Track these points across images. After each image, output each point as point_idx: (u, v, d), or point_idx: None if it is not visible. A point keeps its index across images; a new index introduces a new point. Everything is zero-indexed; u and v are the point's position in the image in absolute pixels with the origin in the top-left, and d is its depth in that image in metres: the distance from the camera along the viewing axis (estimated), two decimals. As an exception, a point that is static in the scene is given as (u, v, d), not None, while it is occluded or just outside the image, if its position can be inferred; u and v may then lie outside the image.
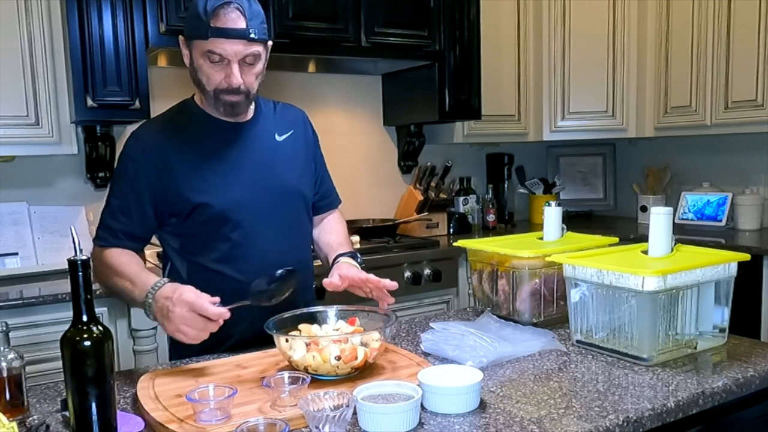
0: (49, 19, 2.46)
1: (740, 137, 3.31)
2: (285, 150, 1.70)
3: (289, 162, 1.70)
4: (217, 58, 1.51)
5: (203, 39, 1.49)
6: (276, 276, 1.43)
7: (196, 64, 1.55)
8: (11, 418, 1.14)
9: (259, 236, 1.62)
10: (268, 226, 1.63)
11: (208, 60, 1.52)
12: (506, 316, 1.74)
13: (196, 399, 1.13)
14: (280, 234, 1.66)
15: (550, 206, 1.82)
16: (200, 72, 1.55)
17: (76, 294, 1.01)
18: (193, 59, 1.56)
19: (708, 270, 1.46)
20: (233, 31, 1.48)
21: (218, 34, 1.48)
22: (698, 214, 3.45)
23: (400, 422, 1.10)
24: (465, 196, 3.65)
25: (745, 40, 3.02)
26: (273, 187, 1.65)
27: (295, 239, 1.72)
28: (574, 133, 3.58)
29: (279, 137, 1.71)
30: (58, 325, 2.16)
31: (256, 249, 1.61)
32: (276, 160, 1.68)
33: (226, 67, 1.52)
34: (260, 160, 1.65)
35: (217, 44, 1.49)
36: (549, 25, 3.50)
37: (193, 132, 1.62)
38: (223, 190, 1.59)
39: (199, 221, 1.59)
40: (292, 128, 1.74)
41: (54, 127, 2.50)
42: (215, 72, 1.53)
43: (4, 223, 2.61)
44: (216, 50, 1.50)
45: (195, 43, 1.53)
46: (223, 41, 1.49)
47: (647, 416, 1.17)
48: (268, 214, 1.63)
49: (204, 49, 1.51)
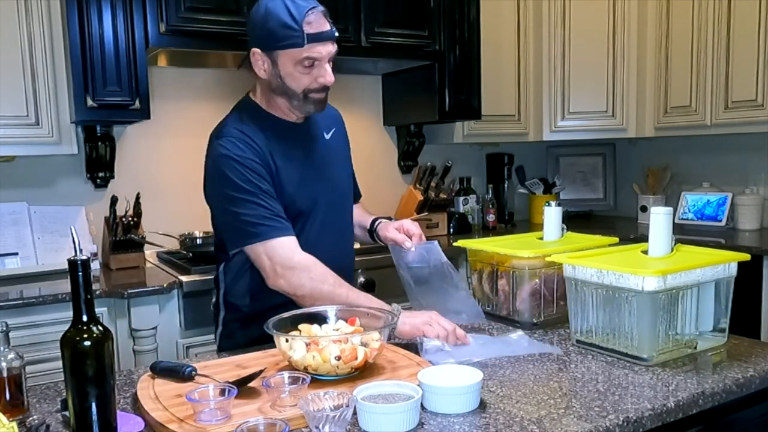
0: (49, 19, 2.46)
1: (740, 137, 3.31)
2: (333, 147, 1.79)
3: (338, 159, 1.80)
4: (311, 62, 1.56)
5: (299, 47, 1.54)
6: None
7: (284, 73, 1.58)
8: (11, 418, 1.14)
9: (325, 230, 1.71)
10: (331, 221, 1.73)
11: (300, 66, 1.56)
12: (506, 316, 1.74)
13: (196, 399, 1.13)
14: (338, 228, 1.76)
15: (550, 206, 1.82)
16: (290, 79, 1.58)
17: (76, 294, 1.01)
18: (278, 69, 1.58)
19: (708, 270, 1.46)
20: (326, 34, 1.56)
21: (314, 39, 1.54)
22: (698, 214, 3.45)
23: (400, 422, 1.10)
24: (465, 196, 3.65)
25: (745, 40, 3.02)
26: (331, 183, 1.74)
27: (347, 233, 1.82)
28: (574, 133, 3.58)
29: (327, 135, 1.78)
30: (58, 325, 2.16)
31: (322, 243, 1.67)
32: (329, 158, 1.76)
33: (317, 69, 1.58)
34: (319, 158, 1.73)
35: (314, 49, 1.55)
36: (549, 25, 3.50)
37: (266, 133, 1.65)
38: (301, 189, 1.66)
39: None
40: (334, 126, 1.82)
41: (54, 127, 2.50)
42: (305, 76, 1.58)
43: (4, 223, 2.61)
44: (313, 55, 1.55)
45: (285, 53, 1.56)
46: (318, 45, 1.55)
47: (647, 416, 1.17)
48: (330, 212, 1.73)
49: (300, 56, 1.55)
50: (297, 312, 1.47)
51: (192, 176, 3.03)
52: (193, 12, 2.48)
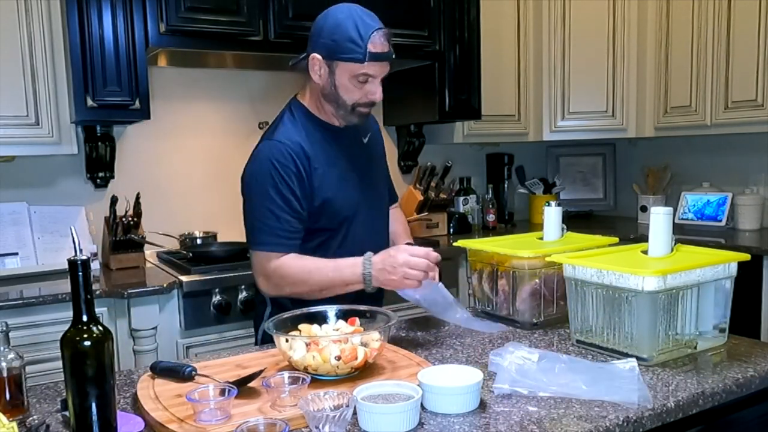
0: (49, 19, 2.46)
1: (740, 137, 3.31)
2: (371, 151, 1.86)
3: (375, 162, 1.87)
4: (365, 78, 1.64)
5: (359, 62, 1.61)
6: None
7: (339, 83, 1.65)
8: (11, 418, 1.14)
9: (367, 232, 1.77)
10: (371, 223, 1.79)
11: (356, 80, 1.64)
12: (506, 316, 1.74)
13: (196, 399, 1.13)
14: (377, 230, 1.82)
15: (550, 206, 1.82)
16: (344, 90, 1.66)
17: (76, 294, 1.01)
18: (335, 78, 1.65)
19: (708, 270, 1.46)
20: (385, 55, 1.65)
21: (374, 58, 1.62)
22: (698, 214, 3.45)
23: (400, 422, 1.10)
24: (465, 196, 3.65)
25: (745, 40, 3.02)
26: (372, 186, 1.81)
27: (385, 233, 1.88)
28: (574, 133, 3.58)
29: (365, 140, 1.84)
30: (58, 325, 2.16)
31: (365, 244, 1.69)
32: (368, 161, 1.83)
33: (370, 84, 1.66)
34: (360, 162, 1.79)
35: (371, 67, 1.63)
36: (549, 25, 3.50)
37: (313, 136, 1.71)
38: (342, 193, 1.72)
39: (321, 223, 1.70)
40: (369, 131, 1.87)
41: (54, 127, 2.50)
42: (358, 90, 1.66)
43: (4, 223, 2.61)
44: (370, 72, 1.64)
45: (344, 65, 1.63)
46: (376, 64, 1.63)
47: (647, 416, 1.17)
48: (371, 215, 1.79)
49: (357, 71, 1.63)
50: (297, 312, 1.47)
51: (192, 176, 3.04)
52: (193, 12, 2.48)
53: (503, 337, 1.62)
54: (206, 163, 3.04)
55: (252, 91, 3.13)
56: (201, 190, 3.04)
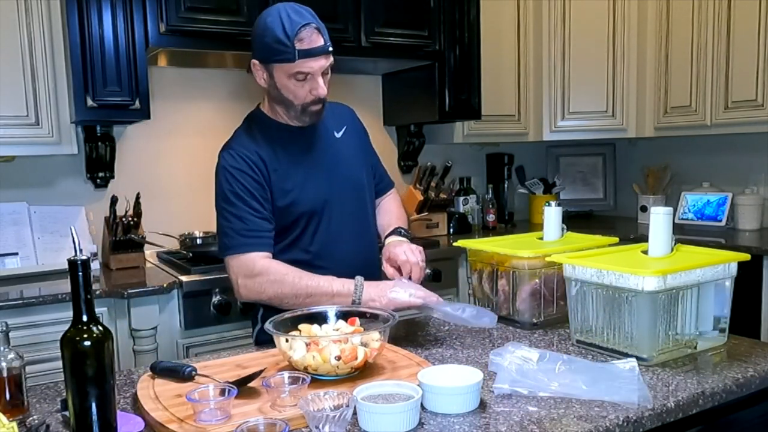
0: (49, 19, 2.46)
1: (740, 137, 3.31)
2: (345, 145, 1.83)
3: (351, 156, 1.84)
4: (303, 76, 1.62)
5: (290, 62, 1.60)
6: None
7: (280, 84, 1.65)
8: (11, 418, 1.14)
9: (341, 229, 1.75)
10: (346, 220, 1.77)
11: (294, 79, 1.63)
12: (506, 316, 1.74)
13: (196, 399, 1.13)
14: (355, 225, 1.80)
15: (550, 206, 1.82)
16: (286, 91, 1.66)
17: (76, 294, 1.01)
18: (275, 80, 1.66)
19: (708, 270, 1.46)
20: (317, 50, 1.61)
21: (305, 55, 1.59)
22: (698, 214, 3.45)
23: (400, 422, 1.10)
24: (465, 196, 3.65)
25: (745, 40, 3.02)
26: (346, 182, 1.79)
27: (366, 230, 1.85)
28: (574, 133, 3.58)
29: (337, 134, 1.83)
30: (58, 325, 2.16)
31: (338, 241, 1.74)
32: (341, 156, 1.81)
33: (311, 81, 1.64)
34: (329, 158, 1.78)
35: (305, 64, 1.60)
36: (549, 25, 3.50)
37: (274, 140, 1.73)
38: (307, 190, 1.71)
39: (289, 221, 1.71)
40: (345, 124, 1.86)
41: (54, 127, 2.50)
42: (300, 89, 1.65)
43: (4, 223, 2.61)
44: (304, 69, 1.61)
45: (278, 66, 1.63)
46: (309, 60, 1.60)
47: (647, 416, 1.17)
48: (346, 208, 1.77)
49: (291, 71, 1.62)
50: (297, 312, 1.47)
51: (192, 176, 3.04)
52: (193, 12, 2.48)
53: (503, 337, 1.62)
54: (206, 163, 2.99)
55: (252, 91, 3.12)
56: (201, 190, 3.03)
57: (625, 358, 1.32)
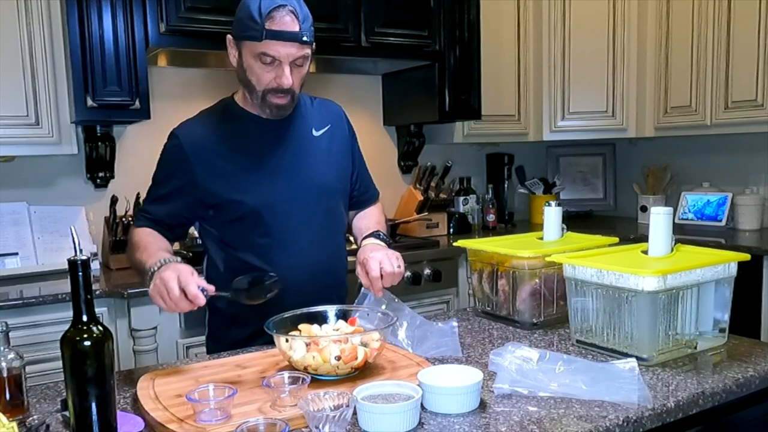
0: (49, 19, 2.46)
1: (740, 137, 3.31)
2: (322, 145, 1.73)
3: (325, 157, 1.73)
4: (269, 59, 1.54)
5: (257, 41, 1.52)
6: (257, 279, 1.46)
7: (246, 65, 1.58)
8: (11, 418, 1.14)
9: (295, 232, 1.66)
10: (304, 222, 1.67)
11: (259, 61, 1.55)
12: (506, 316, 1.74)
13: (196, 399, 1.13)
14: (315, 230, 1.69)
15: (550, 206, 1.82)
16: (250, 72, 1.58)
17: (76, 294, 1.01)
18: (242, 59, 1.58)
19: (708, 270, 1.46)
20: (287, 34, 1.52)
21: (273, 36, 1.51)
22: (698, 214, 3.45)
23: (400, 422, 1.10)
24: (465, 196, 3.65)
25: (745, 40, 3.02)
26: (308, 183, 1.68)
27: (330, 235, 1.74)
28: (574, 133, 3.58)
29: (316, 132, 1.73)
30: (58, 325, 2.16)
31: (292, 244, 1.65)
32: (312, 156, 1.71)
33: (277, 68, 1.55)
34: (297, 156, 1.68)
35: (271, 46, 1.52)
36: (549, 25, 3.50)
37: (233, 129, 1.66)
38: (259, 188, 1.63)
39: (236, 216, 1.64)
40: (329, 123, 1.77)
41: (54, 127, 2.50)
42: (266, 73, 1.56)
43: (4, 223, 2.61)
44: (270, 52, 1.53)
45: (247, 44, 1.55)
46: (277, 43, 1.52)
47: (647, 416, 1.17)
48: (303, 210, 1.67)
49: (257, 50, 1.54)
50: (297, 312, 1.47)
51: (192, 176, 3.04)
52: (193, 12, 2.48)
53: (503, 337, 1.62)
54: (206, 163, 3.04)
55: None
56: (201, 190, 3.03)
57: (625, 358, 1.32)
